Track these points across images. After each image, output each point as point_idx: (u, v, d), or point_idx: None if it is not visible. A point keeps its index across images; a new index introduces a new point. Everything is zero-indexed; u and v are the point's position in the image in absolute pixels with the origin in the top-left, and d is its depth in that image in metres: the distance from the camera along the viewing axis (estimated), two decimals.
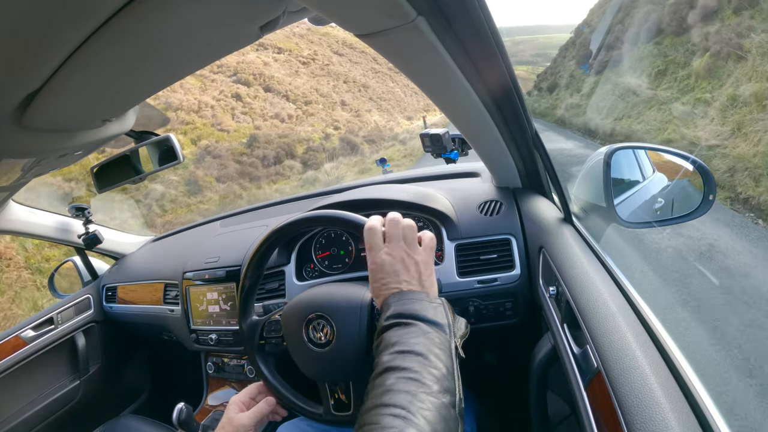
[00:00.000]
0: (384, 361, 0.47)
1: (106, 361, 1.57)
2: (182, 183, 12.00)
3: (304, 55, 26.04)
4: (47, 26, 0.36)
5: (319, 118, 20.73)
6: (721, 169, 5.32)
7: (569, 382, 0.63)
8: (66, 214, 1.48)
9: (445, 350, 0.48)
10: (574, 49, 18.94)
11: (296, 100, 21.23)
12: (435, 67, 0.60)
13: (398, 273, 0.57)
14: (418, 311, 0.51)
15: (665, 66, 9.57)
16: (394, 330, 0.50)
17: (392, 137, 19.55)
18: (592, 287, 0.67)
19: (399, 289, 0.56)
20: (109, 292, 1.56)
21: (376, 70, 30.38)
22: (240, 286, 0.81)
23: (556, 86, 17.98)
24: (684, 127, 7.12)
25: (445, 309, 0.54)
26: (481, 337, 1.13)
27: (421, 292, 0.55)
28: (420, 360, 0.46)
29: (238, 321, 0.82)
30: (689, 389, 0.47)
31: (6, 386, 1.30)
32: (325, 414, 0.75)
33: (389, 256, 0.58)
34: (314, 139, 18.08)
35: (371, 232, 0.60)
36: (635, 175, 1.03)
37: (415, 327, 0.50)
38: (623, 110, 9.68)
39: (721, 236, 4.04)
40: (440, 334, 0.50)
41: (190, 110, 16.75)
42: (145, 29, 0.42)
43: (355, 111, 23.17)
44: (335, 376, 0.74)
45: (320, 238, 1.15)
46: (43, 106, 0.52)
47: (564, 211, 0.92)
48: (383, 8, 0.45)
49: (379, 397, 0.43)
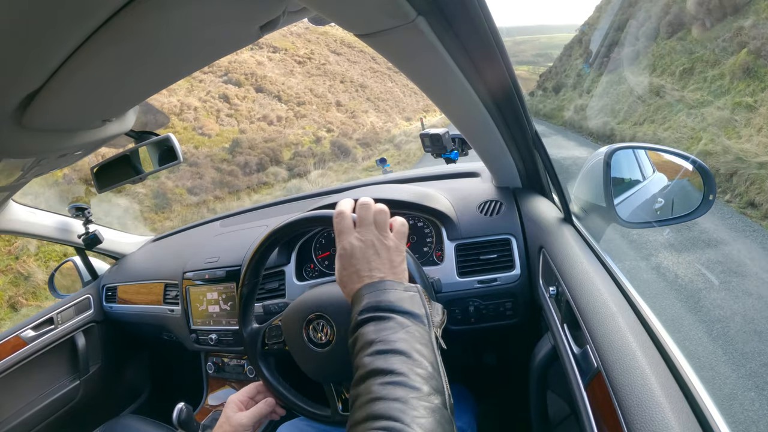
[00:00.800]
0: (365, 363, 0.44)
1: (106, 361, 1.57)
2: (150, 196, 10.48)
3: (300, 54, 25.31)
4: (47, 26, 0.36)
5: (312, 120, 19.65)
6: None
7: (569, 382, 0.63)
8: (66, 214, 1.48)
9: (426, 344, 0.46)
10: (580, 47, 18.10)
11: (289, 101, 20.27)
12: (435, 67, 0.59)
13: (369, 260, 0.53)
14: (393, 302, 0.48)
15: (691, 64, 8.52)
16: (371, 325, 0.47)
17: (389, 139, 18.80)
18: (592, 287, 0.67)
19: (371, 278, 0.52)
20: (109, 292, 1.56)
21: (375, 70, 29.67)
22: (239, 293, 0.81)
23: (563, 86, 17.24)
24: (725, 136, 5.82)
25: (421, 297, 0.51)
26: (481, 337, 1.14)
27: (394, 281, 0.52)
28: (404, 360, 0.43)
29: (239, 328, 0.82)
30: (689, 389, 0.47)
31: (6, 386, 1.30)
32: (334, 415, 0.75)
33: (360, 241, 0.54)
34: (304, 142, 16.95)
35: (341, 217, 0.56)
36: (635, 174, 1.03)
37: (392, 321, 0.46)
38: (644, 113, 8.69)
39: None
40: (419, 326, 0.47)
41: (171, 113, 15.73)
42: (145, 29, 0.42)
43: (350, 112, 22.35)
44: (338, 376, 0.74)
45: (320, 238, 1.15)
46: (43, 106, 0.52)
47: (564, 211, 0.92)
48: (383, 8, 0.45)
49: (367, 407, 0.40)
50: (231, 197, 11.47)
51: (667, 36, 10.02)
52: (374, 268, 0.53)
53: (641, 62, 10.28)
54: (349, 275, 0.54)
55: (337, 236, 0.57)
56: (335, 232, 0.57)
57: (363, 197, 0.58)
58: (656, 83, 8.88)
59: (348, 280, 0.54)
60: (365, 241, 0.54)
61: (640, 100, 9.00)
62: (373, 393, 0.41)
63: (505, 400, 1.27)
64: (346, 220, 0.57)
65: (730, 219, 4.37)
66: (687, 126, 7.02)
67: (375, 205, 0.57)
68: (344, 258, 0.55)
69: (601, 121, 9.98)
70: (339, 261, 0.56)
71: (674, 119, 7.60)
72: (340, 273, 0.55)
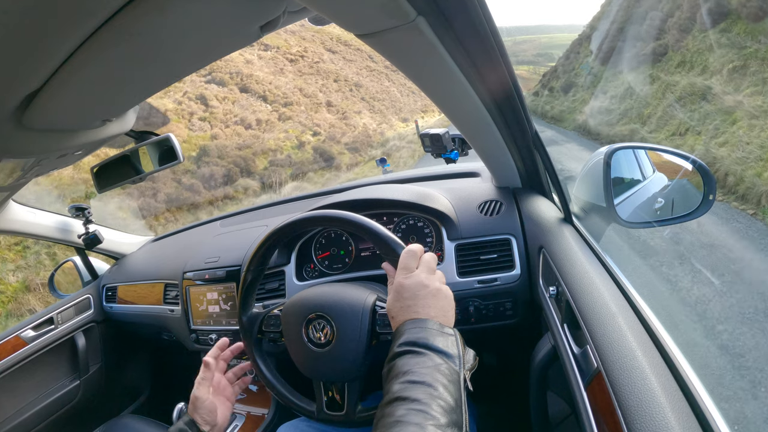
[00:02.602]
0: (394, 390, 0.48)
1: (106, 361, 1.57)
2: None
3: (293, 52, 23.58)
4: (47, 26, 0.36)
5: (298, 122, 17.56)
6: None
7: (569, 382, 0.64)
8: (66, 214, 1.48)
9: (454, 382, 0.50)
10: (590, 43, 16.22)
11: (275, 101, 18.36)
12: (435, 67, 0.60)
13: (425, 300, 0.58)
14: (430, 341, 0.53)
15: (743, 61, 6.89)
16: (406, 358, 0.52)
17: (381, 143, 17.27)
18: (592, 287, 0.67)
19: (417, 314, 0.57)
20: (109, 292, 1.56)
21: (372, 68, 28.22)
22: (242, 278, 0.81)
23: (572, 85, 15.55)
24: None
25: (457, 340, 0.55)
26: (481, 337, 1.13)
27: (436, 321, 0.56)
28: (429, 391, 0.47)
29: (239, 313, 0.82)
30: (689, 389, 0.47)
31: (6, 386, 1.30)
32: (318, 412, 0.76)
33: (420, 281, 0.59)
34: (284, 148, 15.14)
35: (410, 254, 0.62)
36: (635, 174, 1.03)
37: (426, 357, 0.51)
38: (686, 121, 6.99)
39: None
40: (450, 365, 0.51)
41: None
42: (145, 29, 0.42)
43: (342, 113, 20.58)
44: (332, 376, 0.74)
45: (320, 238, 1.15)
46: (43, 106, 0.52)
47: (564, 211, 0.92)
48: (383, 8, 0.45)
49: (388, 428, 0.45)
50: (189, 215, 9.72)
51: (710, 26, 8.14)
52: (426, 305, 0.58)
53: (672, 59, 8.60)
54: (401, 308, 0.59)
55: (401, 270, 0.62)
56: (399, 266, 0.62)
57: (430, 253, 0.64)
58: (699, 84, 7.21)
59: (397, 312, 0.59)
60: (427, 284, 0.59)
61: (680, 104, 7.40)
62: (395, 416, 0.45)
63: (505, 400, 1.27)
64: (414, 259, 0.62)
65: None
66: (754, 140, 5.07)
67: (430, 254, 0.64)
68: (400, 292, 0.60)
69: (627, 129, 8.36)
70: (394, 292, 0.60)
71: (729, 131, 5.69)
72: (392, 304, 0.60)
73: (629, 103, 9.07)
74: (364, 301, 0.73)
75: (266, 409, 1.26)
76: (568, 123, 12.34)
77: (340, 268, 1.12)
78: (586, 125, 10.44)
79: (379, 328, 0.72)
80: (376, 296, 0.76)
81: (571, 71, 17.47)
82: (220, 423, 0.75)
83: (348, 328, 0.71)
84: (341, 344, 0.71)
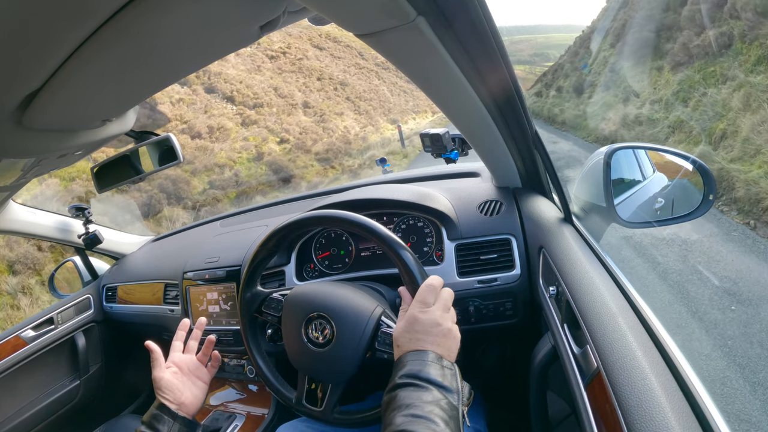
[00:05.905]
0: (398, 423, 0.50)
1: (106, 361, 1.57)
2: None
3: (274, 49, 21.21)
4: (47, 26, 0.36)
5: (264, 128, 14.67)
6: None
7: (569, 382, 0.64)
8: (66, 214, 1.48)
9: (454, 418, 0.52)
10: (610, 37, 12.71)
11: (242, 102, 15.71)
12: (435, 67, 0.60)
13: (436, 336, 0.59)
14: (431, 375, 0.55)
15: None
16: (408, 390, 0.53)
17: (361, 151, 14.07)
18: (592, 287, 0.67)
19: (422, 347, 0.58)
20: (109, 292, 1.56)
21: (361, 66, 25.71)
22: (254, 253, 0.81)
23: (588, 85, 12.42)
24: None
25: (456, 375, 0.57)
26: (481, 337, 1.14)
27: (439, 355, 0.58)
28: (432, 426, 0.49)
29: (241, 289, 0.83)
30: (689, 389, 0.47)
31: (6, 386, 1.30)
32: (296, 402, 0.76)
33: (433, 317, 0.60)
34: (238, 161, 12.07)
35: (430, 289, 0.63)
36: (635, 174, 1.03)
37: (428, 391, 0.53)
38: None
39: None
40: (450, 400, 0.53)
41: None
42: (145, 29, 0.42)
43: (319, 115, 17.80)
44: (320, 375, 0.74)
45: (320, 238, 1.15)
46: (43, 106, 0.52)
47: (564, 211, 0.92)
48: (383, 8, 0.45)
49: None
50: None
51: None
52: (434, 343, 0.59)
53: (743, 52, 5.71)
54: (409, 339, 0.60)
55: (418, 303, 0.62)
56: (417, 298, 0.63)
57: (447, 288, 0.65)
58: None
59: (405, 342, 0.60)
60: (440, 323, 0.60)
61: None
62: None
63: (505, 400, 1.27)
64: (433, 294, 0.63)
65: None
66: None
67: (451, 293, 0.65)
68: (413, 324, 0.61)
69: (688, 149, 5.08)
70: (406, 323, 0.61)
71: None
72: (402, 333, 0.61)
73: (684, 112, 6.23)
74: (370, 313, 0.73)
75: (266, 409, 1.26)
76: (584, 131, 9.42)
77: (340, 268, 1.12)
78: (615, 137, 7.41)
79: (377, 344, 0.72)
80: (383, 311, 0.75)
81: (581, 69, 14.10)
82: (188, 402, 0.74)
83: (348, 335, 0.71)
84: (338, 349, 0.71)
